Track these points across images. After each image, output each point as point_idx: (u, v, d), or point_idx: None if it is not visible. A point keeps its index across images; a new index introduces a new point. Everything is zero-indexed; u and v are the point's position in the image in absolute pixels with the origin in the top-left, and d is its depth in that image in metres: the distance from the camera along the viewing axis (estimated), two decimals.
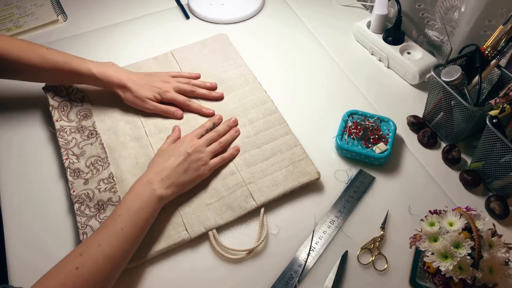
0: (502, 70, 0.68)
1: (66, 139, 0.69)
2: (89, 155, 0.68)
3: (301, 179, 0.65)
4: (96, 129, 0.71)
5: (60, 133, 0.69)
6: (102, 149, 0.69)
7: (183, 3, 1.01)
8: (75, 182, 0.64)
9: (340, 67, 0.86)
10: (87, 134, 0.70)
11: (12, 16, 0.96)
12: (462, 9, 0.75)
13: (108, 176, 0.66)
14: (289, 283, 0.56)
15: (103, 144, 0.69)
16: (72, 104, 0.74)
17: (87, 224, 0.60)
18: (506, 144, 0.59)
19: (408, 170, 0.69)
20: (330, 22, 0.97)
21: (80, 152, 0.68)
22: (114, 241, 0.53)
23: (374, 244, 0.60)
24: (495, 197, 0.63)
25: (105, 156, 0.68)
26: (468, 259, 0.48)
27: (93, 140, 0.70)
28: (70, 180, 0.64)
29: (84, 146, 0.69)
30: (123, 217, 0.55)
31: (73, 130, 0.71)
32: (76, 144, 0.69)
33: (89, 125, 0.72)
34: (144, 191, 0.58)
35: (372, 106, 0.79)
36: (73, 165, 0.66)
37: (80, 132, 0.71)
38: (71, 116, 0.72)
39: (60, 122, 0.71)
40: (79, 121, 0.72)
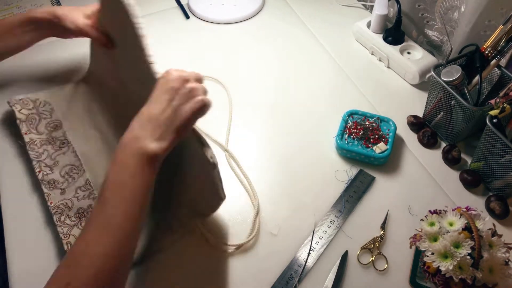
0: (502, 70, 0.68)
1: (37, 152, 0.67)
2: (63, 165, 0.67)
3: None
4: (67, 138, 0.70)
5: (30, 145, 0.68)
6: (76, 157, 0.68)
7: (183, 3, 1.01)
8: (51, 194, 0.63)
9: (340, 67, 0.86)
10: (59, 144, 0.69)
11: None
12: (462, 9, 0.75)
13: (85, 183, 0.65)
14: (289, 283, 0.56)
15: (76, 152, 0.68)
16: (40, 116, 0.72)
17: (70, 234, 0.59)
18: (506, 144, 0.59)
19: (408, 170, 0.69)
20: (330, 22, 0.97)
21: (53, 163, 0.66)
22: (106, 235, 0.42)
23: (374, 244, 0.60)
24: (495, 197, 0.63)
25: (79, 164, 0.67)
26: (468, 259, 0.48)
27: (65, 149, 0.68)
28: (46, 192, 0.63)
29: (56, 156, 0.67)
30: (111, 199, 0.43)
31: (44, 142, 0.69)
32: (49, 156, 0.67)
33: (60, 135, 0.70)
34: (132, 154, 0.45)
35: (372, 106, 0.79)
36: (47, 177, 0.65)
37: (52, 143, 0.69)
38: (40, 129, 0.70)
39: (29, 135, 0.69)
40: (49, 133, 0.70)
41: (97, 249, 0.41)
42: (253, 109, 0.78)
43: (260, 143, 0.73)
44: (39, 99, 0.74)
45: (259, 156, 0.71)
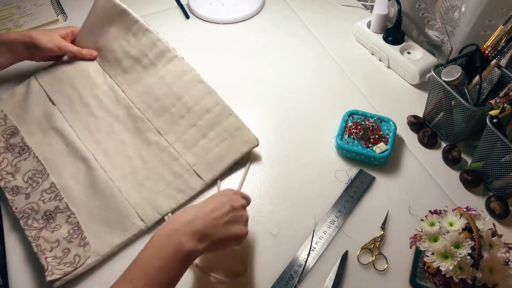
0: (502, 70, 0.68)
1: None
2: (25, 171, 0.66)
3: (242, 149, 0.67)
4: (26, 143, 0.69)
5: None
6: (38, 162, 0.66)
7: (183, 3, 1.01)
8: (15, 199, 0.62)
9: (340, 67, 0.86)
10: (18, 151, 0.68)
11: (12, 16, 0.96)
12: (462, 9, 0.75)
13: (50, 186, 0.64)
14: (289, 283, 0.56)
15: (38, 157, 0.67)
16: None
17: (39, 236, 0.59)
18: (506, 144, 0.59)
19: (408, 170, 0.69)
20: (330, 22, 0.97)
21: (14, 170, 0.65)
22: None
23: (374, 244, 0.60)
24: (495, 197, 0.63)
25: (42, 168, 0.66)
26: (468, 259, 0.48)
27: (26, 155, 0.67)
28: (10, 199, 0.62)
29: (17, 163, 0.66)
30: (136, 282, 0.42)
31: (2, 150, 0.68)
32: (9, 163, 0.66)
33: (18, 141, 0.69)
34: (170, 243, 0.45)
35: (372, 106, 0.79)
36: (10, 183, 0.64)
37: (10, 151, 0.68)
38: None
39: None
40: (6, 140, 0.69)
41: None
42: (253, 109, 0.78)
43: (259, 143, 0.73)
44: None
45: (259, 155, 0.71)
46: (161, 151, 0.68)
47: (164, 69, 0.75)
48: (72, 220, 0.61)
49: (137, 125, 0.71)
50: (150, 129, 0.70)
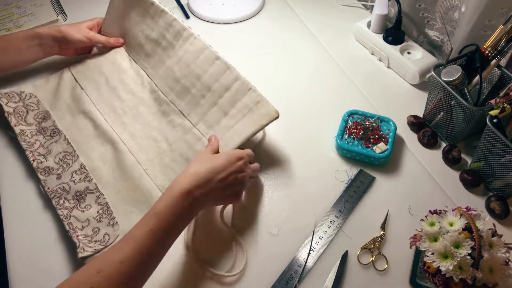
0: (502, 70, 0.68)
1: (29, 142, 0.69)
2: (56, 152, 0.68)
3: (262, 121, 0.66)
4: (57, 127, 0.72)
5: (22, 136, 0.69)
6: (68, 144, 0.69)
7: (183, 3, 1.01)
8: (47, 180, 0.65)
9: (340, 67, 0.86)
10: (50, 134, 0.71)
11: (12, 16, 0.96)
12: (462, 9, 0.75)
13: (79, 167, 0.67)
14: (289, 283, 0.56)
15: (68, 139, 0.70)
16: (27, 108, 0.73)
17: (70, 215, 0.61)
18: (506, 144, 0.59)
19: (408, 170, 0.69)
20: (330, 22, 0.97)
21: (46, 152, 0.68)
22: (139, 260, 0.47)
23: (374, 244, 0.60)
24: (495, 197, 0.63)
25: (72, 150, 0.69)
26: (468, 259, 0.48)
27: (57, 138, 0.70)
28: (42, 179, 0.65)
29: (49, 145, 0.69)
30: (155, 232, 0.48)
31: (34, 133, 0.70)
32: (41, 145, 0.69)
33: (50, 125, 0.72)
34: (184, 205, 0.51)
35: (372, 106, 0.79)
36: (42, 164, 0.66)
37: (42, 134, 0.70)
38: (29, 120, 0.72)
39: (19, 126, 0.70)
40: (38, 123, 0.72)
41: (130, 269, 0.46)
42: None
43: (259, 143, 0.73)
44: (24, 91, 0.75)
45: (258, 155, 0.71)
46: (185, 133, 0.70)
47: (182, 49, 0.76)
48: (101, 201, 0.63)
49: (162, 108, 0.73)
50: (174, 111, 0.72)
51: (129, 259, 0.46)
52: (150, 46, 0.78)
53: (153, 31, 0.78)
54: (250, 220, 0.63)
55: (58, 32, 0.76)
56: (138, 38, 0.80)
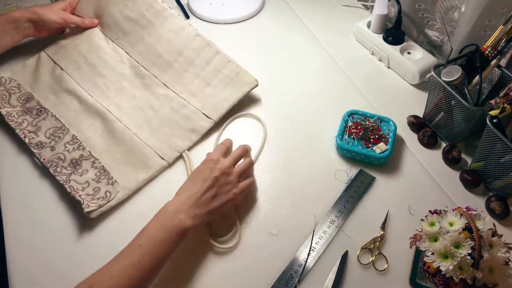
0: (502, 70, 0.68)
1: (17, 121, 0.71)
2: (46, 128, 0.71)
3: (243, 89, 0.75)
4: (43, 106, 0.73)
5: (8, 117, 0.71)
6: (57, 120, 0.71)
7: (183, 3, 1.01)
8: (41, 152, 0.67)
9: (340, 67, 0.86)
10: (36, 113, 0.72)
11: None
12: (462, 9, 0.75)
13: (72, 138, 0.69)
14: (289, 283, 0.56)
15: (56, 116, 0.72)
16: (9, 92, 0.75)
17: (70, 179, 0.64)
18: (506, 144, 0.59)
19: (408, 170, 0.69)
20: (330, 22, 0.97)
21: (35, 129, 0.70)
22: (129, 274, 0.49)
23: (374, 244, 0.60)
24: (495, 197, 0.63)
25: (61, 125, 0.71)
26: (468, 259, 0.48)
27: (44, 115, 0.72)
28: (36, 152, 0.67)
29: (37, 123, 0.71)
30: (143, 248, 0.51)
31: (20, 113, 0.72)
32: (29, 124, 0.71)
33: (34, 105, 0.73)
34: (170, 221, 0.53)
35: (372, 106, 0.79)
36: (34, 140, 0.69)
37: (29, 114, 0.72)
38: (13, 103, 0.74)
39: (4, 109, 0.72)
40: (22, 105, 0.74)
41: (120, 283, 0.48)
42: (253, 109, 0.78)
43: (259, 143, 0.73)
44: (4, 77, 0.77)
45: (259, 156, 0.71)
46: (170, 101, 0.74)
47: (163, 28, 0.81)
48: (97, 165, 0.66)
49: (144, 82, 0.77)
50: (157, 84, 0.76)
51: (119, 273, 0.49)
52: (128, 25, 0.82)
53: (132, 11, 0.82)
54: (250, 220, 0.63)
55: (33, 13, 0.77)
56: (115, 17, 0.83)
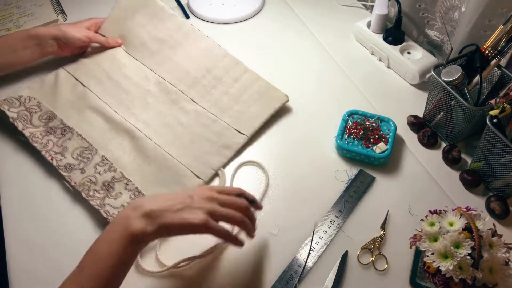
0: (502, 70, 0.68)
1: (42, 142, 0.68)
2: (73, 149, 0.68)
3: (275, 105, 0.75)
4: (67, 124, 0.71)
5: (33, 138, 0.68)
6: (83, 139, 0.69)
7: (183, 3, 1.01)
8: (71, 175, 0.64)
9: (340, 67, 0.86)
10: (60, 132, 0.70)
11: (12, 16, 0.96)
12: (462, 9, 0.75)
13: (101, 159, 0.67)
14: (289, 283, 0.56)
15: (82, 135, 0.70)
16: (30, 111, 0.72)
17: (104, 203, 0.61)
18: (506, 144, 0.59)
19: (408, 170, 0.69)
20: (330, 22, 0.97)
21: (62, 149, 0.68)
22: None
23: (374, 244, 0.60)
24: (495, 197, 0.63)
25: (88, 145, 0.68)
26: (468, 259, 0.48)
27: (69, 135, 0.70)
28: (66, 175, 0.64)
29: (63, 143, 0.69)
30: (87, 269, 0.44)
31: (44, 133, 0.69)
32: (55, 144, 0.68)
33: (57, 124, 0.71)
34: (116, 228, 0.46)
35: (372, 106, 0.79)
36: (62, 162, 0.66)
37: (52, 133, 0.70)
38: (35, 122, 0.71)
39: (28, 130, 0.69)
40: (45, 124, 0.71)
41: None
42: None
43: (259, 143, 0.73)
44: (23, 95, 0.74)
45: (258, 156, 0.71)
46: (199, 116, 0.73)
47: (190, 47, 0.81)
48: (130, 187, 0.64)
49: (171, 97, 0.76)
50: (184, 99, 0.75)
51: None
52: (156, 45, 0.82)
53: (161, 32, 0.83)
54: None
55: (58, 30, 0.76)
56: (143, 38, 0.83)
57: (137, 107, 0.74)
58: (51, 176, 0.67)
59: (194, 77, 0.77)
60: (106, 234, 0.46)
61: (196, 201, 0.49)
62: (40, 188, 0.65)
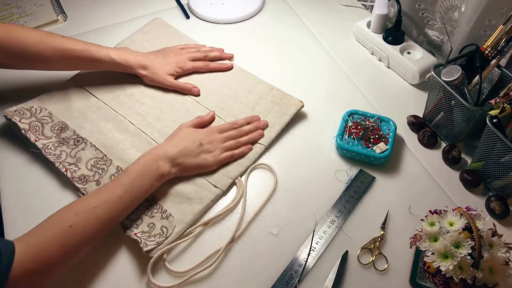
0: (502, 70, 0.68)
1: (55, 154, 0.66)
2: (86, 159, 0.67)
3: (290, 112, 0.75)
4: (80, 135, 0.69)
5: (46, 150, 0.66)
6: (97, 150, 0.68)
7: (183, 3, 1.01)
8: (87, 187, 0.63)
9: (340, 67, 0.86)
10: (73, 143, 0.68)
11: (12, 16, 0.96)
12: (462, 9, 0.75)
13: (117, 170, 0.66)
14: (289, 283, 0.56)
15: (95, 145, 0.68)
16: (41, 122, 0.70)
17: None
18: (506, 144, 0.59)
19: (408, 170, 0.69)
20: (330, 22, 0.97)
21: (75, 160, 0.66)
22: (110, 207, 0.55)
23: (374, 244, 0.60)
24: (495, 197, 0.63)
25: (103, 155, 0.67)
26: (468, 259, 0.48)
27: (82, 145, 0.68)
28: (81, 187, 0.63)
29: (76, 153, 0.67)
30: (124, 186, 0.57)
31: (57, 144, 0.68)
32: (68, 155, 0.67)
33: (70, 134, 0.70)
34: (149, 166, 0.60)
35: (372, 106, 0.79)
36: (76, 173, 0.65)
37: (65, 144, 0.68)
38: (47, 133, 0.69)
39: (40, 141, 0.67)
40: (57, 135, 0.69)
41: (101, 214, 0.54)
42: None
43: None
44: (34, 106, 0.72)
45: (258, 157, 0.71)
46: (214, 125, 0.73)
47: None
48: (147, 198, 0.62)
49: (186, 107, 0.76)
50: (199, 108, 0.75)
51: (102, 205, 0.54)
52: None
53: None
54: (251, 220, 0.63)
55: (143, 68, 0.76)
56: None
57: (152, 116, 0.73)
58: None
59: (209, 88, 0.79)
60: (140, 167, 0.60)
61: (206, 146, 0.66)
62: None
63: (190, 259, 0.59)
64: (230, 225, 0.62)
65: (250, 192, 0.66)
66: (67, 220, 0.51)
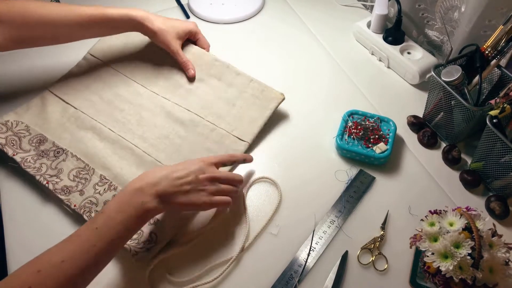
0: (502, 70, 0.68)
1: (35, 167, 0.65)
2: (68, 170, 0.65)
3: (270, 105, 0.74)
4: (60, 146, 0.68)
5: (25, 163, 0.65)
6: (78, 160, 0.66)
7: (183, 3, 1.01)
8: (70, 198, 0.62)
9: (340, 67, 0.86)
10: (53, 155, 0.67)
11: None
12: (462, 9, 0.75)
13: (100, 179, 0.64)
14: (289, 283, 0.56)
15: (76, 156, 0.67)
16: (18, 136, 0.69)
17: None
18: (506, 144, 0.59)
19: (408, 170, 0.69)
20: (330, 22, 0.97)
21: (57, 172, 0.65)
22: (82, 260, 0.45)
23: (374, 244, 0.60)
24: (495, 197, 0.63)
25: (85, 165, 0.66)
26: (468, 259, 0.48)
27: (63, 156, 0.67)
28: (64, 198, 0.62)
29: (57, 165, 0.66)
30: (100, 231, 0.47)
31: (36, 157, 0.66)
32: (48, 167, 0.65)
33: (50, 146, 0.68)
34: (132, 202, 0.50)
35: (372, 106, 0.79)
36: (58, 185, 0.63)
37: (45, 157, 0.67)
38: (24, 147, 0.67)
39: (18, 155, 0.66)
40: (36, 148, 0.68)
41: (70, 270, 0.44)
42: None
43: (259, 143, 0.73)
44: (10, 120, 0.71)
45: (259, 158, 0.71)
46: (196, 126, 0.72)
47: None
48: None
49: (165, 110, 0.74)
50: (179, 110, 0.74)
51: (71, 258, 0.45)
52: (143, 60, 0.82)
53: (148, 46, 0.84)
54: (250, 220, 0.63)
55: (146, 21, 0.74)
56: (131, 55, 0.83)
57: (133, 122, 0.72)
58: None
59: (187, 89, 0.76)
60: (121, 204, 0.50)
61: (201, 181, 0.56)
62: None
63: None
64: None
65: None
66: (26, 279, 0.42)
